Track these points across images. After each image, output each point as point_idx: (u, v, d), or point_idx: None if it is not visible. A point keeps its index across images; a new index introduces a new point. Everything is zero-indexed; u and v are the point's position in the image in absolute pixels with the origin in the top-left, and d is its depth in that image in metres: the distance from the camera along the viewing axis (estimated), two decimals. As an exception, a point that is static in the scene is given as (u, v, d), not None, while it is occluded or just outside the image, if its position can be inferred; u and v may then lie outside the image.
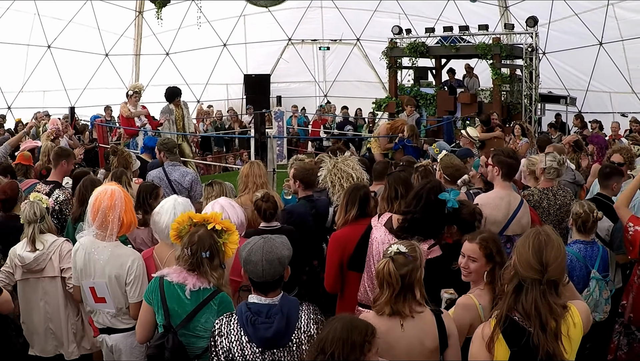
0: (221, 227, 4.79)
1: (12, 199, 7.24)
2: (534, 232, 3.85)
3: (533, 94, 19.72)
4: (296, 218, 7.04)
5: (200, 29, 24.24)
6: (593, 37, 21.38)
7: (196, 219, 4.84)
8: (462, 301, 4.88)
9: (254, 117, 13.67)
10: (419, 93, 21.60)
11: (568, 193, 7.84)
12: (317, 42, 29.16)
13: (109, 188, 5.50)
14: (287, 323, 4.09)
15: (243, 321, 4.09)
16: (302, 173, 7.58)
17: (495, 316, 3.83)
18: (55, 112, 20.07)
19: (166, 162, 9.31)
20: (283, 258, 4.16)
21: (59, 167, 8.60)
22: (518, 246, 3.84)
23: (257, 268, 4.08)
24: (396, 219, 5.81)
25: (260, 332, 4.03)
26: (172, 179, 9.05)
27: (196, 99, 27.89)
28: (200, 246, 4.63)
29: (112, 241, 5.46)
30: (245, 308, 4.13)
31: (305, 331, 4.15)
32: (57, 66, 23.98)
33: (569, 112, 20.98)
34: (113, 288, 5.41)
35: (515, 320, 3.74)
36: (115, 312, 5.50)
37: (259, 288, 4.17)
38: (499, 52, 19.38)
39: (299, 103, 27.42)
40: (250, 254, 4.12)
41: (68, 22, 23.76)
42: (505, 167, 6.67)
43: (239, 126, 24.92)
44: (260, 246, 4.14)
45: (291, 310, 4.15)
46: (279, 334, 4.05)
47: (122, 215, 5.42)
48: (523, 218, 6.59)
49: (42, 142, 11.84)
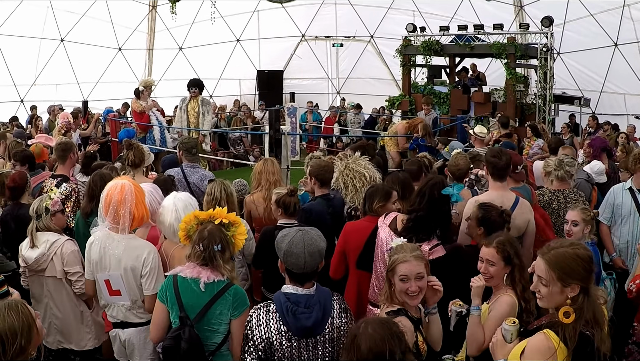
0: (228, 220, 4.89)
1: (21, 188, 7.36)
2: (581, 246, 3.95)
3: (547, 95, 19.61)
4: (315, 216, 6.98)
5: (213, 24, 24.16)
6: (608, 38, 21.30)
7: (202, 217, 4.92)
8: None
9: (269, 114, 13.64)
10: (433, 92, 21.51)
11: (580, 196, 7.79)
12: (330, 39, 29.12)
13: (119, 182, 5.49)
14: (324, 313, 4.19)
15: (283, 310, 4.14)
16: (317, 170, 7.53)
17: (564, 335, 3.74)
18: (67, 106, 20.13)
19: (185, 163, 9.18)
20: (322, 249, 4.27)
21: (68, 161, 8.58)
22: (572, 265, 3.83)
23: (299, 260, 4.15)
24: (401, 220, 5.81)
25: (300, 321, 4.10)
26: (191, 182, 8.92)
27: (209, 94, 27.82)
28: (212, 240, 4.71)
29: (126, 233, 5.46)
30: (284, 298, 4.19)
31: (337, 320, 4.26)
32: (70, 60, 24.02)
33: (583, 113, 20.87)
34: (128, 280, 5.43)
35: (581, 331, 3.73)
36: (130, 305, 5.52)
37: (298, 279, 4.24)
38: (513, 51, 19.27)
39: (312, 100, 27.34)
40: (292, 246, 4.17)
41: (81, 15, 23.79)
42: (491, 167, 6.66)
43: (252, 121, 24.89)
44: (300, 238, 4.20)
45: (326, 300, 4.25)
46: (317, 323, 4.14)
47: (133, 209, 5.41)
48: (517, 219, 6.46)
49: (54, 136, 11.87)
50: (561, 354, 3.68)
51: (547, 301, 3.90)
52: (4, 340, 3.49)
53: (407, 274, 4.48)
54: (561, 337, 3.71)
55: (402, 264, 4.50)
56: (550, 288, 3.85)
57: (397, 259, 4.55)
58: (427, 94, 20.81)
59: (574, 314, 3.73)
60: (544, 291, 3.88)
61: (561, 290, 3.82)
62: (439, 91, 21.55)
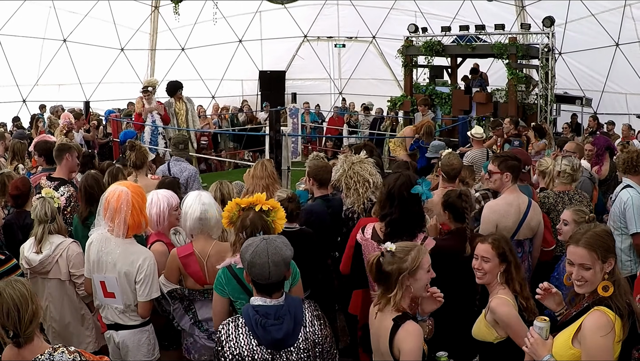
0: (267, 207, 5.02)
1: (25, 195, 7.21)
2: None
3: (549, 95, 19.60)
4: (315, 217, 7.04)
5: (216, 24, 24.26)
6: (609, 37, 21.28)
7: (243, 204, 5.06)
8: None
9: (269, 115, 13.66)
10: (435, 92, 21.49)
11: (585, 197, 7.79)
12: (332, 39, 29.05)
13: (117, 189, 5.49)
14: (295, 323, 4.11)
15: (252, 324, 4.06)
16: (315, 171, 7.54)
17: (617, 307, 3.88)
18: (70, 106, 20.16)
19: (173, 157, 9.64)
20: (287, 258, 4.19)
21: (64, 163, 8.26)
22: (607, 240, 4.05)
23: (263, 270, 4.07)
24: (379, 228, 5.78)
25: (271, 334, 4.03)
26: (172, 173, 9.27)
27: (211, 94, 27.95)
28: (254, 228, 4.87)
29: (123, 238, 5.47)
30: (253, 311, 4.11)
31: (310, 328, 4.18)
32: (73, 60, 24.07)
33: (585, 113, 20.87)
34: (122, 285, 5.45)
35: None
36: (123, 308, 5.53)
37: (264, 290, 4.16)
38: (515, 51, 19.24)
39: (314, 100, 27.38)
40: (255, 257, 4.10)
41: (84, 16, 23.82)
42: (516, 171, 6.65)
43: (255, 122, 24.90)
44: (264, 247, 4.13)
45: (297, 309, 4.18)
46: (289, 334, 4.07)
47: (128, 218, 5.41)
48: (532, 220, 6.55)
49: (56, 137, 11.89)
50: (618, 326, 3.83)
51: (591, 285, 4.02)
52: (19, 305, 3.90)
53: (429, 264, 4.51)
54: (615, 310, 3.85)
55: (426, 256, 4.50)
56: (594, 269, 4.00)
57: (416, 256, 4.48)
58: (427, 95, 20.82)
59: (612, 286, 3.92)
60: (588, 275, 4.01)
61: (601, 268, 4.00)
62: (441, 91, 21.54)
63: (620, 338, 3.82)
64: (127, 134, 13.23)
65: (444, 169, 7.71)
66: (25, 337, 3.94)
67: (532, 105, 19.90)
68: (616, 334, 3.82)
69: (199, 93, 25.96)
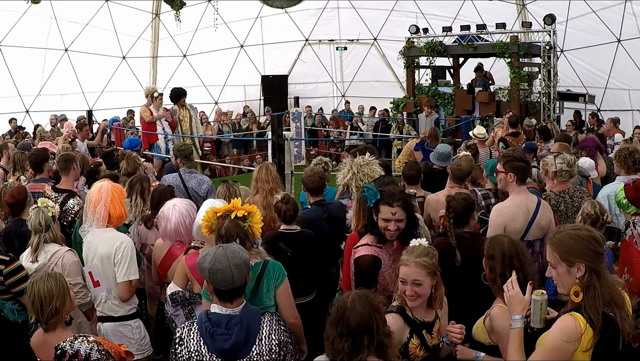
0: (242, 213, 5.03)
1: (21, 203, 7.21)
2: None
3: (551, 92, 19.58)
4: (308, 224, 6.95)
5: (217, 30, 24.33)
6: (611, 34, 21.21)
7: (220, 212, 5.07)
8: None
9: (271, 120, 13.65)
10: (437, 92, 21.51)
11: (585, 193, 7.77)
12: (334, 43, 29.07)
13: (98, 183, 6.12)
14: (247, 334, 4.12)
15: (202, 331, 4.11)
16: (305, 178, 7.61)
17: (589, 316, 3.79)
18: (73, 116, 20.16)
19: (182, 169, 9.27)
20: (247, 260, 4.25)
21: (72, 173, 8.36)
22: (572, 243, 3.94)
23: (225, 275, 4.08)
24: (371, 241, 5.54)
25: (218, 343, 4.06)
26: (189, 187, 9.01)
27: (214, 100, 27.95)
28: (229, 236, 4.87)
29: (104, 228, 5.91)
30: (205, 318, 4.16)
31: (267, 341, 4.18)
32: (75, 69, 24.05)
33: (588, 110, 20.84)
34: (105, 268, 5.85)
35: (604, 312, 3.79)
36: (106, 294, 5.82)
37: (226, 296, 4.17)
38: (516, 50, 19.28)
39: (317, 104, 27.42)
40: (216, 263, 4.10)
41: (85, 25, 23.85)
42: (521, 172, 6.59)
43: (257, 127, 24.90)
44: (222, 253, 4.14)
45: (252, 321, 4.18)
46: (238, 346, 4.08)
47: (109, 205, 5.89)
48: (542, 219, 6.50)
49: (59, 145, 11.89)
50: (587, 336, 3.73)
51: (560, 285, 4.00)
52: (42, 301, 4.59)
53: (404, 278, 4.54)
54: (587, 318, 3.76)
55: (403, 267, 4.57)
56: (557, 269, 3.97)
57: (401, 260, 4.61)
58: (430, 96, 20.82)
59: (582, 292, 3.83)
60: (554, 274, 4.00)
61: (568, 271, 3.92)
62: (443, 91, 21.55)
63: (588, 348, 3.74)
64: (132, 142, 13.23)
65: (452, 168, 7.81)
66: (48, 326, 4.68)
67: (535, 103, 19.88)
68: (583, 344, 3.74)
69: (202, 99, 26.01)
